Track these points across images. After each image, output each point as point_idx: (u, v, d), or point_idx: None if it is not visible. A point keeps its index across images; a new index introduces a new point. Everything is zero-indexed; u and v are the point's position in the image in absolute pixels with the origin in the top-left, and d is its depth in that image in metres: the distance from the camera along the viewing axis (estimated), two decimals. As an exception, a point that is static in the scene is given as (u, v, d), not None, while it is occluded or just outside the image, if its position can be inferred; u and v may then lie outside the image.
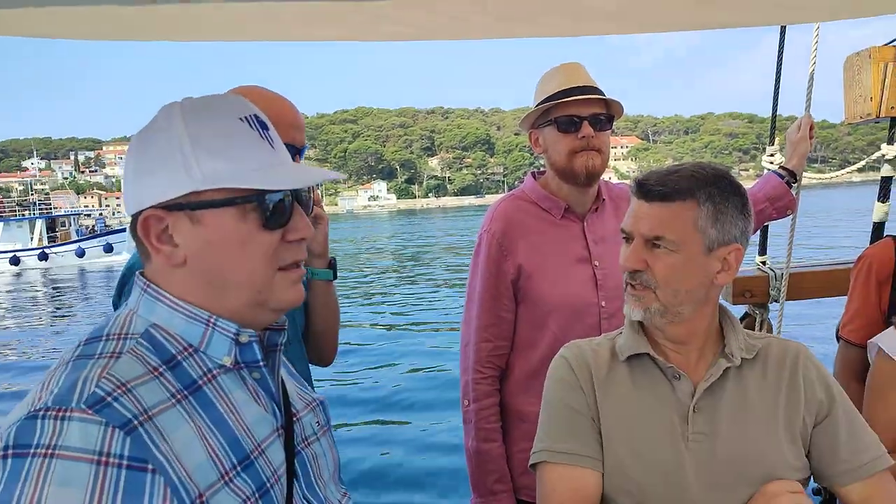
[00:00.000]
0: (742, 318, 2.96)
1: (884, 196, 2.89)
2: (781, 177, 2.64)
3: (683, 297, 1.47)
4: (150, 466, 0.92)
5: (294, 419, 1.19)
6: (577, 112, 2.22)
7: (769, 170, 2.72)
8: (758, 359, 1.54)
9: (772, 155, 2.82)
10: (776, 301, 2.84)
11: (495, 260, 2.27)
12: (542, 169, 2.45)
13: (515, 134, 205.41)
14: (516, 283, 2.26)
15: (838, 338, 2.52)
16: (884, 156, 2.84)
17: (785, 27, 2.73)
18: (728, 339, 1.54)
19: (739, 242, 1.48)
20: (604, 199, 2.36)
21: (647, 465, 1.47)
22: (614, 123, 2.32)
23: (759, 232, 2.85)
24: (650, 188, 1.47)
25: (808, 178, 2.79)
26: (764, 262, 2.94)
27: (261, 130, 1.11)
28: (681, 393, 1.50)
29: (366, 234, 61.80)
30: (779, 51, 2.83)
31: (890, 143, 2.83)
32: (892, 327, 1.98)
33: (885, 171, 2.87)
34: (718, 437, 1.47)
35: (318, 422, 1.27)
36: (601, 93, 2.26)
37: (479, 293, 2.30)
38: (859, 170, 3.14)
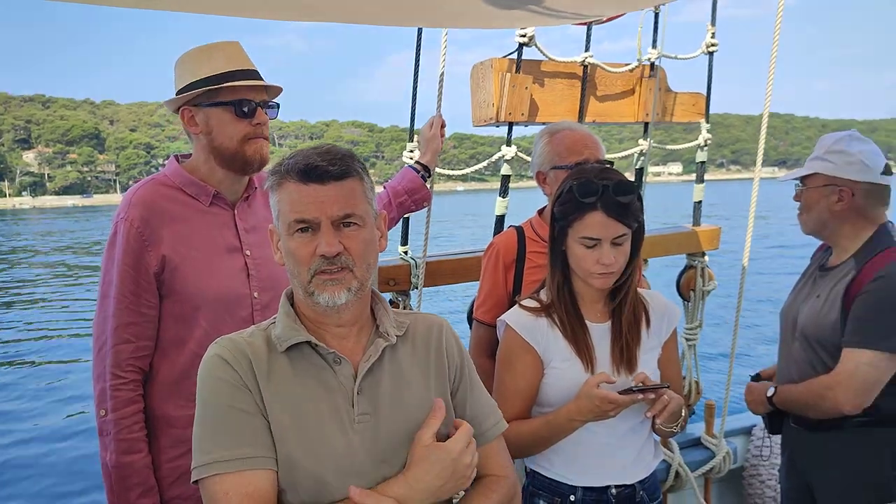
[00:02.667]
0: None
1: (504, 192, 3.23)
2: (417, 171, 2.81)
3: (371, 269, 1.51)
4: None
5: None
6: (252, 97, 2.15)
7: (408, 164, 2.87)
8: (407, 335, 1.60)
9: (411, 151, 2.98)
10: (416, 288, 3.00)
11: (135, 251, 2.05)
12: (183, 153, 2.30)
13: (131, 130, 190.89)
14: (159, 276, 2.07)
15: (471, 319, 2.74)
16: (503, 156, 3.18)
17: (422, 29, 2.91)
18: (381, 319, 1.59)
19: (382, 210, 1.60)
20: (255, 188, 2.29)
21: (319, 454, 1.44)
22: None
23: (401, 223, 3.00)
24: (325, 170, 1.44)
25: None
26: (406, 252, 3.09)
27: None
28: (343, 377, 1.50)
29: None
30: (416, 51, 2.99)
31: (508, 145, 3.18)
32: (517, 305, 2.19)
33: (505, 170, 3.22)
34: (381, 416, 1.49)
35: None
36: (261, 78, 2.20)
37: (116, 288, 2.05)
38: (477, 177, 3.48)
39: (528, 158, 2.82)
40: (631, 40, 3.52)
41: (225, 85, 2.11)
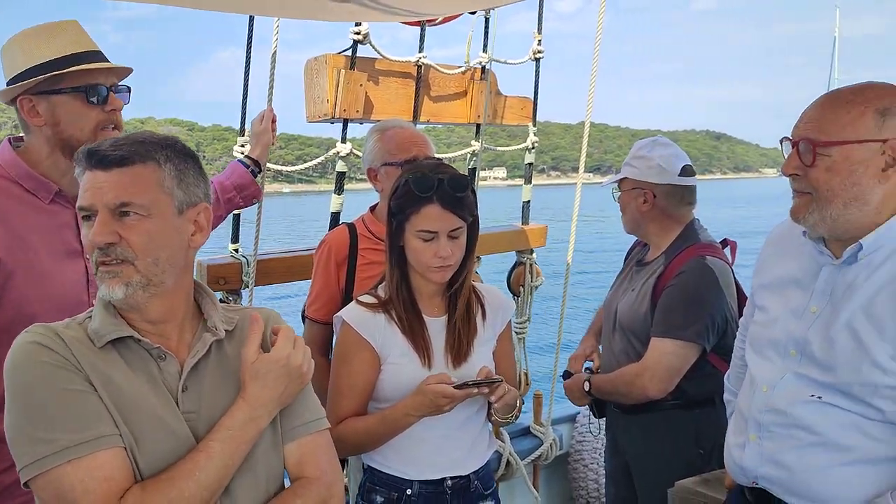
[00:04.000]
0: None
1: (339, 189, 3.20)
2: (247, 166, 2.71)
3: (164, 264, 1.42)
4: None
5: None
6: (102, 81, 1.96)
7: (237, 159, 2.77)
8: (236, 330, 1.55)
9: (242, 146, 2.89)
10: (248, 287, 2.90)
11: None
12: (15, 136, 2.05)
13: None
14: None
15: (304, 317, 2.69)
16: (338, 153, 3.15)
17: (253, 18, 2.81)
18: (209, 313, 1.53)
19: (205, 202, 1.50)
20: None
21: (153, 455, 1.36)
22: None
23: (230, 220, 2.89)
24: (105, 154, 1.38)
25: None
26: (237, 250, 2.98)
27: None
28: (168, 374, 1.43)
29: None
30: (248, 40, 2.89)
31: (343, 141, 3.16)
32: (353, 301, 2.18)
33: (340, 167, 3.20)
34: (204, 415, 1.44)
35: None
36: (108, 60, 2.03)
37: None
38: (305, 178, 3.42)
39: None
40: (460, 47, 3.62)
41: (72, 69, 1.90)
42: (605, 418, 2.96)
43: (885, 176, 1.64)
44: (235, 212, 2.98)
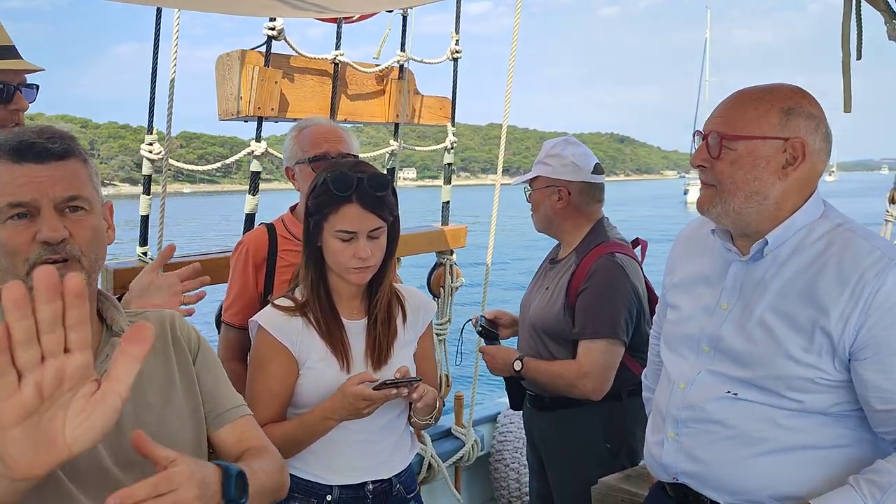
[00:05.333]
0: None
1: (254, 189, 3.10)
2: None
3: (100, 263, 1.38)
4: None
5: None
6: (9, 79, 1.88)
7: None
8: None
9: (150, 144, 2.79)
10: (158, 293, 2.76)
11: None
12: None
13: None
14: None
15: (220, 322, 2.59)
16: (252, 152, 3.04)
17: (160, 10, 2.69)
18: (112, 318, 1.45)
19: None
20: None
21: (73, 466, 1.25)
22: None
23: (138, 221, 2.76)
24: (43, 147, 1.29)
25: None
26: (145, 253, 2.84)
27: None
28: None
29: None
30: (155, 34, 2.77)
31: (258, 140, 3.05)
32: (269, 305, 2.11)
33: (255, 166, 3.09)
34: (123, 420, 1.35)
35: None
36: (20, 56, 1.92)
37: None
38: (207, 178, 3.30)
39: (279, 155, 2.75)
40: (373, 47, 3.58)
41: None
42: (522, 413, 2.98)
43: (785, 173, 1.70)
44: (143, 213, 2.87)
